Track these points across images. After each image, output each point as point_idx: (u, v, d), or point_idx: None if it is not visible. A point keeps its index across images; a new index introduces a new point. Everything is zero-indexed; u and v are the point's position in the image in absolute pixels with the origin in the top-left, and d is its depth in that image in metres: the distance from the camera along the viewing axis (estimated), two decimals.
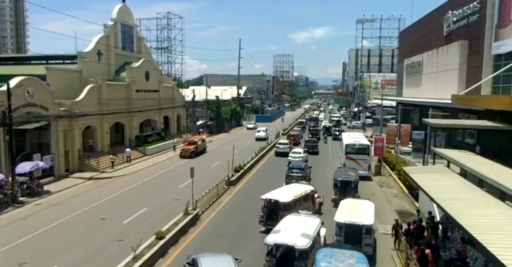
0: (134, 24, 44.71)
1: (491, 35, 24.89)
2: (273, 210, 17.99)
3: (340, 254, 11.65)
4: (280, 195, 18.68)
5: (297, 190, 19.60)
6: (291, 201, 18.08)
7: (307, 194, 19.58)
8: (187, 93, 63.02)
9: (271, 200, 18.24)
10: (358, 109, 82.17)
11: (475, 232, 9.32)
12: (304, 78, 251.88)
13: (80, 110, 31.24)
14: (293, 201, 18.18)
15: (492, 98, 22.40)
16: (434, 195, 12.97)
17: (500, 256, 7.99)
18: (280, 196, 18.35)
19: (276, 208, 17.88)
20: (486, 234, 9.16)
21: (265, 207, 18.39)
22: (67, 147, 30.36)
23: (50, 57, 38.78)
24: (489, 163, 15.87)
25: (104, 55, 37.84)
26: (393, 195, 24.82)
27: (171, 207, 21.55)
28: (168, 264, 14.95)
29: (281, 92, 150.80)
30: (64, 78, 32.95)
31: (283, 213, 16.90)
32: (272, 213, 17.88)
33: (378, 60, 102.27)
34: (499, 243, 8.65)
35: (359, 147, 30.12)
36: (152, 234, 16.28)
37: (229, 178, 27.03)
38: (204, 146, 42.32)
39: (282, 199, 18.01)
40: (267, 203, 18.40)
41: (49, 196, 24.67)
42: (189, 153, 38.31)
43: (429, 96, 34.45)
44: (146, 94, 42.77)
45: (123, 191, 25.96)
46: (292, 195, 18.61)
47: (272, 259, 13.10)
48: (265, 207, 18.37)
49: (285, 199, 17.98)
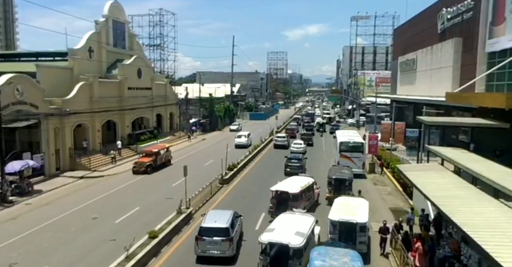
0: (126, 20, 44.27)
1: (485, 32, 24.90)
2: (282, 200, 19.10)
3: (334, 253, 11.65)
4: (288, 186, 19.88)
5: (302, 181, 20.82)
6: (299, 191, 19.29)
7: (310, 185, 20.97)
8: (180, 91, 62.46)
9: (281, 191, 19.38)
10: (352, 107, 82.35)
11: (469, 230, 9.30)
12: (298, 75, 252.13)
13: (71, 108, 30.88)
14: (300, 192, 19.38)
15: (486, 96, 22.41)
16: (428, 192, 12.95)
17: (494, 254, 7.98)
18: (289, 187, 19.54)
19: (285, 198, 19.02)
20: (480, 232, 9.15)
21: (274, 198, 19.53)
22: (58, 146, 29.98)
23: (40, 54, 38.30)
24: (483, 160, 15.86)
25: (95, 52, 37.36)
26: (387, 193, 24.84)
27: (164, 206, 21.41)
28: (161, 263, 14.85)
29: (275, 90, 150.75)
30: (55, 75, 32.49)
31: (292, 203, 18.48)
32: (281, 203, 18.98)
33: (372, 57, 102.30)
34: (493, 241, 8.65)
35: (353, 144, 30.09)
36: (144, 233, 16.20)
37: (222, 176, 26.86)
38: (168, 157, 33.88)
39: (291, 190, 19.20)
40: (276, 194, 19.49)
41: (39, 196, 24.37)
42: (143, 167, 30.02)
43: (423, 94, 34.49)
44: (139, 92, 42.37)
45: (115, 190, 25.71)
46: (299, 186, 19.77)
47: (266, 257, 13.08)
48: (274, 198, 19.51)
49: (294, 190, 19.17)
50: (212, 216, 15.86)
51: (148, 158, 30.94)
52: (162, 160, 32.50)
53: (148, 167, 30.07)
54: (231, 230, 14.91)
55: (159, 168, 31.41)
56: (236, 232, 15.46)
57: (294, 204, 18.53)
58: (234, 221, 15.82)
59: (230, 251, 14.70)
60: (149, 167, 30.15)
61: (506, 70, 22.53)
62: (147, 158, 30.87)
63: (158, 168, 31.26)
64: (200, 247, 14.72)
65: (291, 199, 18.90)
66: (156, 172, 30.55)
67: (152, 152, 31.67)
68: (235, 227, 15.58)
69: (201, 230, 14.94)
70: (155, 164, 31.02)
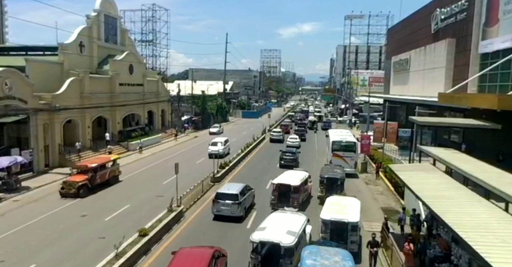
0: (118, 15, 43.68)
1: (478, 33, 25.09)
2: (283, 193, 20.08)
3: (326, 252, 11.65)
4: (288, 179, 20.88)
5: (300, 175, 21.98)
6: (300, 184, 20.41)
7: (306, 179, 22.08)
8: (172, 88, 62.09)
9: (282, 184, 20.26)
10: (345, 106, 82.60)
11: (459, 230, 9.36)
12: (291, 74, 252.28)
13: (60, 103, 30.39)
14: (301, 185, 20.49)
15: (478, 96, 22.58)
16: (420, 192, 12.99)
17: (484, 254, 8.02)
18: (289, 180, 20.57)
19: (285, 191, 20.00)
20: (470, 232, 9.21)
21: (275, 191, 20.35)
22: (47, 142, 29.51)
23: (29, 49, 37.58)
24: (474, 161, 15.95)
25: (86, 47, 36.81)
26: (379, 193, 24.91)
27: (155, 203, 21.19)
28: (151, 261, 14.67)
29: (268, 88, 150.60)
30: (44, 70, 31.94)
31: (293, 195, 19.75)
32: (282, 196, 20.04)
33: (366, 57, 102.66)
34: (483, 241, 8.71)
35: (346, 144, 30.07)
36: (135, 231, 15.98)
37: (214, 174, 26.70)
38: (115, 173, 26.38)
39: (292, 183, 20.22)
40: (277, 187, 20.32)
41: (28, 192, 23.97)
42: (74, 188, 22.49)
43: (416, 94, 34.69)
44: (130, 88, 41.91)
45: (105, 187, 25.28)
46: (299, 179, 20.85)
47: (257, 256, 13.00)
48: (275, 191, 20.32)
49: (295, 183, 20.24)
50: (227, 186, 20.96)
51: (82, 176, 23.42)
52: (105, 177, 25.10)
53: (80, 188, 22.61)
54: (240, 196, 18.94)
55: (100, 188, 24.38)
56: (245, 200, 19.50)
57: (295, 196, 19.83)
58: (245, 191, 20.00)
59: (238, 212, 18.80)
60: (82, 188, 22.69)
61: (498, 72, 22.74)
62: (80, 176, 23.39)
63: (99, 188, 24.21)
64: (216, 207, 19.03)
65: (292, 191, 19.88)
66: (94, 194, 23.45)
67: (89, 167, 23.93)
68: (245, 196, 19.63)
69: (217, 195, 19.24)
70: (93, 184, 23.63)
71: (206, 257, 11.95)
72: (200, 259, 11.83)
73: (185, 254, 12.24)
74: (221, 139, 39.35)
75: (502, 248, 8.45)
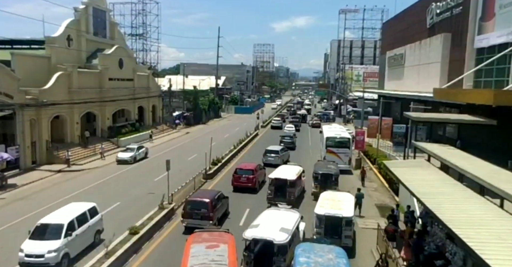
0: (107, 8, 43.02)
1: (474, 28, 24.84)
2: (279, 187, 20.44)
3: (319, 249, 11.54)
4: (285, 173, 21.26)
5: (295, 169, 22.51)
6: (296, 178, 20.84)
7: (301, 173, 22.63)
8: (163, 83, 61.29)
9: (279, 178, 20.59)
10: (339, 102, 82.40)
11: (454, 227, 9.24)
12: (284, 69, 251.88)
13: (48, 99, 29.81)
14: (296, 179, 20.94)
15: (473, 92, 22.40)
16: (414, 189, 12.82)
17: (478, 251, 7.93)
18: (286, 175, 20.98)
19: (282, 185, 20.38)
20: (465, 229, 9.09)
21: (272, 185, 20.68)
22: (34, 138, 28.96)
23: (15, 42, 36.70)
24: (469, 157, 15.77)
25: (74, 40, 36.11)
26: (374, 189, 24.74)
27: (146, 201, 20.84)
28: (142, 260, 14.43)
29: (261, 83, 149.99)
30: (31, 64, 31.32)
31: (290, 189, 20.16)
32: (278, 190, 20.41)
33: (360, 52, 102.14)
34: (478, 238, 8.60)
35: (340, 140, 29.76)
36: (125, 229, 15.73)
37: (206, 171, 26.30)
38: None
39: (289, 177, 20.65)
40: (273, 182, 20.66)
41: (14, 190, 23.57)
42: None
43: (411, 89, 34.49)
44: (120, 83, 41.33)
45: (94, 184, 24.95)
46: (294, 173, 21.33)
47: (250, 254, 12.82)
48: (272, 185, 20.67)
49: (291, 177, 20.68)
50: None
51: None
52: None
53: None
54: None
55: None
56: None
57: (291, 190, 20.20)
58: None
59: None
60: None
61: (494, 67, 22.56)
62: None
63: None
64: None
65: (288, 185, 20.23)
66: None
67: None
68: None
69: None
70: None
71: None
72: None
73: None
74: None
75: (497, 245, 8.36)
